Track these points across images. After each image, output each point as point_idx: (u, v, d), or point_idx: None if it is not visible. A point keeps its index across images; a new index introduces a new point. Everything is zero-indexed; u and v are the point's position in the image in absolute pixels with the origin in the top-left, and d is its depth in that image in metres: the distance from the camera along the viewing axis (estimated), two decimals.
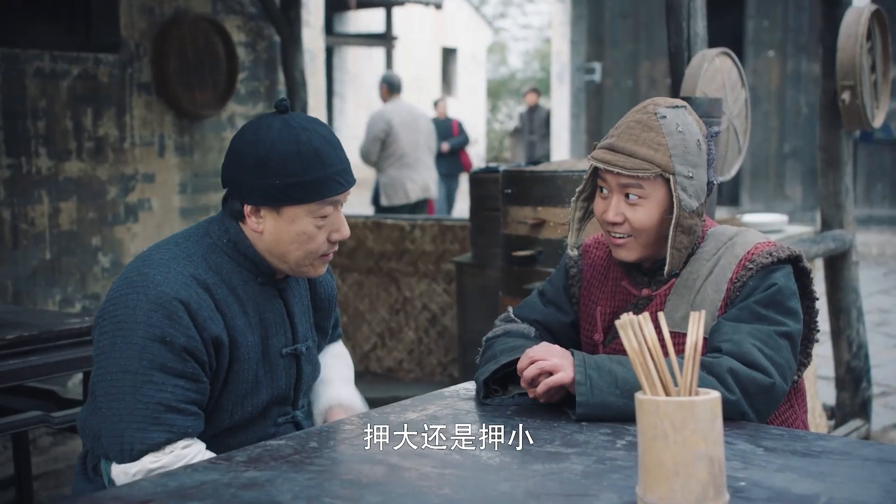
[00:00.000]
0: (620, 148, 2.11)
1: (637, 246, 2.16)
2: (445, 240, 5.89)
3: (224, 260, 2.04)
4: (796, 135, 13.44)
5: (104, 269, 5.48)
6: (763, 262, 2.11)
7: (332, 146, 2.03)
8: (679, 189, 2.08)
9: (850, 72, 4.58)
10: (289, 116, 2.03)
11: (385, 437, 1.86)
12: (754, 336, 2.06)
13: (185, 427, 1.91)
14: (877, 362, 6.46)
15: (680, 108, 2.15)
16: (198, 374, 1.93)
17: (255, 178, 1.98)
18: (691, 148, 2.11)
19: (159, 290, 1.92)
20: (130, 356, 1.89)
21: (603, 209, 2.18)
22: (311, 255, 2.05)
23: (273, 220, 2.01)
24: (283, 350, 2.11)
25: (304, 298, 2.21)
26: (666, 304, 2.19)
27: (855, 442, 1.87)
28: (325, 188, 1.99)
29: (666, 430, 1.47)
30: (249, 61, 6.29)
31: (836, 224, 5.05)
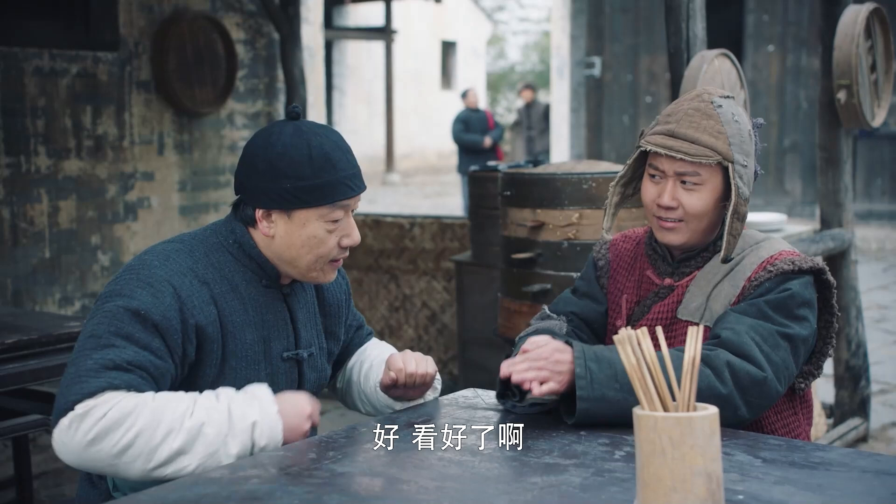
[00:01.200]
0: (682, 134, 2.13)
1: (687, 231, 2.20)
2: (445, 237, 5.90)
3: (228, 259, 2.06)
4: (796, 129, 13.43)
5: (104, 268, 5.48)
6: (784, 267, 2.14)
7: (343, 151, 2.06)
8: (737, 177, 2.12)
9: (846, 71, 4.58)
10: (300, 122, 2.06)
11: (383, 448, 1.86)
12: (755, 330, 2.08)
13: (127, 382, 1.83)
14: (875, 359, 6.46)
15: (730, 98, 2.20)
16: (161, 351, 1.90)
17: (267, 182, 2.00)
18: (745, 137, 2.16)
19: (152, 272, 1.96)
20: (100, 322, 1.90)
21: (656, 194, 2.20)
22: (322, 259, 2.06)
23: (284, 224, 2.03)
24: (284, 354, 2.12)
25: (311, 305, 2.21)
26: (685, 295, 2.23)
27: (853, 453, 1.88)
28: (336, 192, 2.01)
29: (664, 445, 1.48)
30: (249, 59, 6.29)
31: (836, 223, 5.05)
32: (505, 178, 3.81)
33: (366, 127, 21.52)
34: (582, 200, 3.55)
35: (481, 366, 5.12)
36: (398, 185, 19.77)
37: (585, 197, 3.55)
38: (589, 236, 3.55)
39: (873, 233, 12.27)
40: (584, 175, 3.56)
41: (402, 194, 18.27)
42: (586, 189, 3.55)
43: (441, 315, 5.96)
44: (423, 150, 23.55)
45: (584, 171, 3.59)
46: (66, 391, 1.84)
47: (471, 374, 5.21)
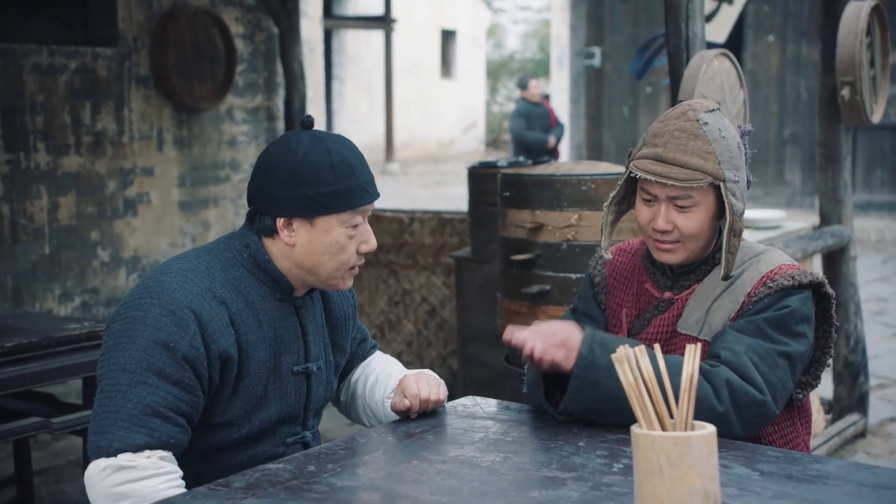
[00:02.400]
0: (670, 159, 2.11)
1: (684, 250, 2.19)
2: (444, 233, 5.90)
3: (243, 274, 2.07)
4: (796, 120, 13.42)
5: (103, 264, 5.48)
6: (784, 283, 2.14)
7: (359, 158, 2.09)
8: (729, 194, 2.11)
9: (849, 68, 4.57)
10: (315, 131, 2.08)
11: (383, 460, 1.86)
12: (754, 350, 2.08)
13: (167, 435, 1.90)
14: (874, 353, 6.46)
15: (716, 111, 2.17)
16: (193, 385, 1.94)
17: (288, 190, 2.01)
18: (734, 152, 2.14)
19: (173, 297, 1.95)
20: (131, 356, 1.91)
21: (650, 217, 2.18)
22: (343, 266, 2.07)
23: (306, 231, 2.04)
24: (294, 368, 2.12)
25: (319, 318, 2.22)
26: (685, 308, 2.23)
27: (851, 465, 1.88)
28: (357, 197, 2.04)
29: (662, 464, 1.48)
30: (248, 53, 6.28)
31: (835, 219, 5.05)
32: (504, 179, 3.81)
33: (365, 116, 21.49)
34: (581, 202, 3.55)
35: (481, 362, 5.13)
36: (398, 175, 19.74)
37: (585, 198, 3.55)
38: (588, 238, 3.55)
39: (873, 224, 12.27)
40: (583, 176, 3.56)
41: (402, 184, 18.25)
42: (585, 190, 3.55)
43: (440, 310, 5.97)
44: (422, 139, 23.52)
45: (584, 173, 3.59)
46: (108, 429, 1.88)
47: (470, 371, 5.22)
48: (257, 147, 6.38)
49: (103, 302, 5.49)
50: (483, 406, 2.27)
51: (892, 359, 6.61)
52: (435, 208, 13.69)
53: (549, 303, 3.64)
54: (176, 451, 1.93)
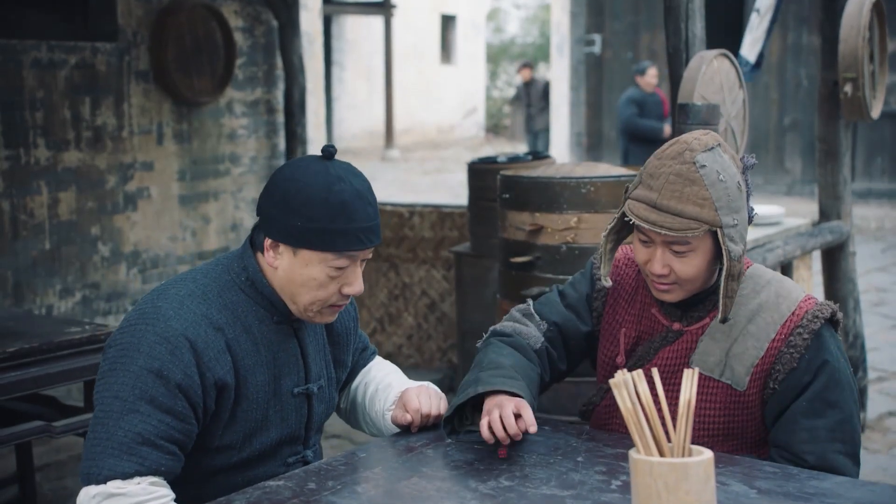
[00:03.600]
0: (665, 207, 2.05)
1: (682, 291, 2.15)
2: (444, 226, 5.91)
3: (241, 298, 2.04)
4: (796, 108, 13.41)
5: (104, 259, 5.49)
6: (814, 328, 2.12)
7: (364, 202, 1.99)
8: (727, 240, 2.05)
9: (851, 64, 4.56)
10: (331, 163, 2.01)
11: (382, 478, 1.88)
12: (833, 438, 2.09)
13: (157, 463, 1.89)
14: (873, 345, 6.45)
15: (714, 149, 2.09)
16: (186, 414, 1.93)
17: (279, 213, 1.98)
18: (733, 194, 2.07)
19: (167, 325, 1.94)
20: (124, 383, 1.91)
21: (646, 258, 2.14)
22: (320, 302, 2.03)
23: (289, 258, 2.01)
24: (294, 390, 2.11)
25: (320, 336, 2.20)
26: (699, 345, 2.18)
27: (847, 483, 1.90)
28: (344, 241, 1.97)
29: (659, 490, 1.50)
30: (247, 46, 6.27)
31: (834, 215, 5.06)
32: (503, 181, 3.82)
33: (365, 102, 21.46)
34: (581, 204, 3.55)
35: None
36: (398, 161, 19.72)
37: (584, 201, 3.55)
38: (587, 240, 3.56)
39: (873, 212, 12.28)
40: (582, 179, 3.56)
41: (402, 170, 18.23)
42: (585, 193, 3.55)
43: (440, 303, 5.99)
44: (422, 125, 23.49)
45: (583, 175, 3.59)
46: (99, 457, 1.88)
47: (470, 366, 5.23)
48: (257, 140, 6.38)
49: (104, 297, 5.50)
50: None
51: (891, 351, 6.61)
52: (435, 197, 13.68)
53: None
54: (167, 477, 1.92)
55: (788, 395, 2.12)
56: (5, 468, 4.24)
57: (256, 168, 6.39)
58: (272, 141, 6.50)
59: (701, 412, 2.16)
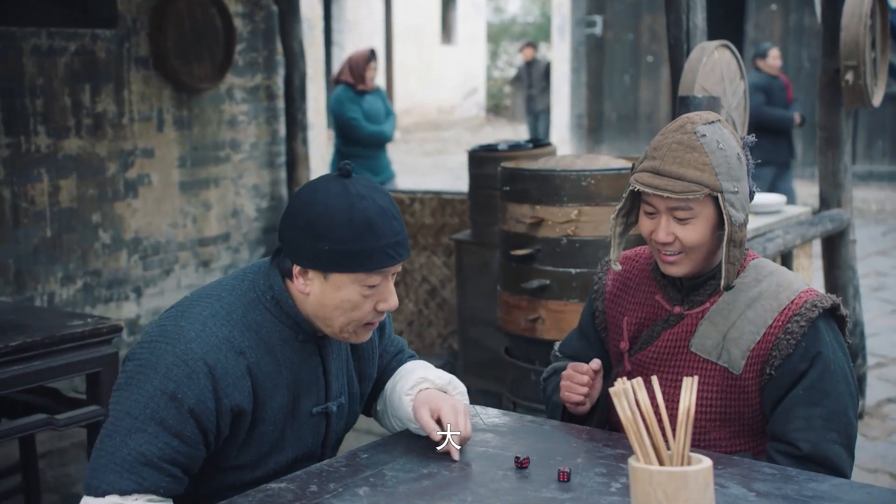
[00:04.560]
0: (666, 172, 2.14)
1: (689, 262, 2.21)
2: (445, 213, 5.92)
3: (266, 317, 2.02)
4: (798, 89, 13.34)
5: (105, 246, 5.50)
6: (811, 316, 2.16)
7: (388, 217, 1.98)
8: (728, 205, 2.13)
9: (853, 52, 4.56)
10: (350, 182, 1.99)
11: (382, 481, 1.89)
12: (828, 427, 2.13)
13: (156, 485, 1.89)
14: (872, 331, 6.46)
15: (715, 123, 2.19)
16: (195, 439, 1.92)
17: (305, 240, 1.96)
18: (733, 163, 2.16)
19: (188, 347, 1.92)
20: (137, 401, 1.90)
21: (651, 229, 2.21)
22: (356, 322, 2.02)
23: (320, 283, 1.99)
24: (313, 410, 2.09)
25: (344, 351, 2.19)
26: (698, 328, 2.24)
27: (846, 485, 1.91)
28: (374, 260, 1.95)
29: (659, 498, 1.51)
30: (247, 32, 6.25)
31: (835, 203, 5.06)
32: (504, 173, 3.82)
33: None
34: (581, 197, 3.56)
35: (481, 345, 5.16)
36: (398, 142, 19.67)
37: (584, 194, 3.56)
38: (588, 233, 3.56)
39: (873, 194, 12.27)
40: (583, 172, 3.56)
41: (402, 152, 18.19)
42: (585, 186, 3.56)
43: (441, 290, 6.00)
44: (423, 105, 23.44)
45: (583, 168, 3.60)
46: (101, 470, 1.88)
47: (471, 353, 5.25)
48: (257, 127, 6.37)
49: (105, 284, 5.51)
50: (483, 416, 2.29)
51: (891, 336, 6.62)
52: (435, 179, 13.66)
53: (549, 297, 3.66)
54: (168, 495, 1.92)
55: (784, 382, 2.16)
56: (9, 457, 4.26)
57: (257, 154, 6.39)
58: (272, 127, 6.49)
59: (699, 395, 2.21)
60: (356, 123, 6.91)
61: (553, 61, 15.18)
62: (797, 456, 2.11)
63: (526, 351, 3.88)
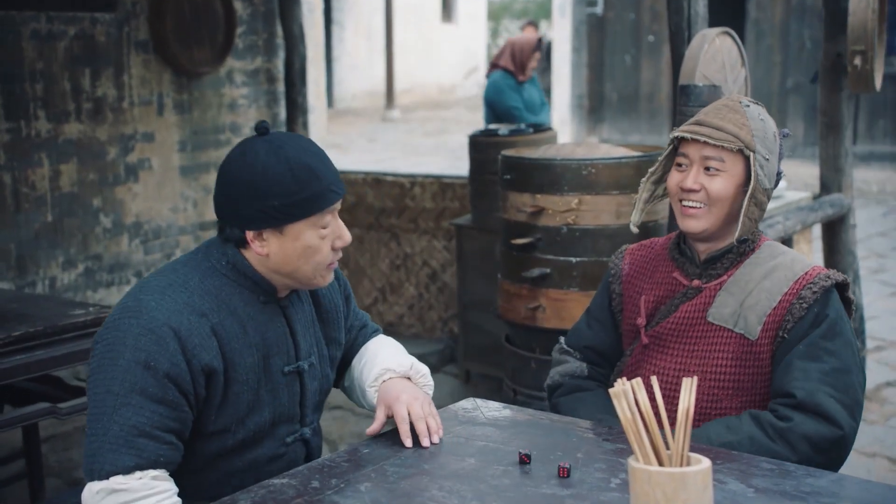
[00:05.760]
0: (708, 122, 2.28)
1: (708, 216, 2.29)
2: (445, 197, 5.92)
3: (223, 282, 2.07)
4: (799, 70, 13.33)
5: (106, 230, 5.50)
6: (824, 284, 2.24)
7: (320, 158, 2.07)
8: (757, 165, 2.25)
9: (861, 36, 4.54)
10: (271, 137, 2.06)
11: (383, 476, 1.90)
12: (826, 382, 2.18)
13: (156, 455, 1.92)
14: (872, 313, 6.47)
15: (760, 105, 2.35)
16: (178, 402, 1.96)
17: (252, 204, 2.01)
18: (769, 136, 2.31)
19: (151, 316, 1.96)
20: (114, 378, 1.93)
21: (680, 179, 2.32)
22: (319, 266, 2.08)
23: (277, 240, 2.04)
24: (284, 368, 2.13)
25: (309, 314, 2.23)
26: (715, 299, 2.31)
27: (844, 480, 1.92)
28: (323, 200, 2.03)
29: (658, 498, 1.52)
30: (247, 15, 6.24)
31: (835, 187, 5.06)
32: (505, 162, 3.82)
33: (366, 62, 21.35)
34: (581, 186, 3.56)
35: (481, 329, 5.18)
36: (398, 122, 19.65)
37: (585, 182, 3.56)
38: (588, 222, 3.57)
39: (874, 174, 12.26)
40: (583, 161, 3.56)
41: (403, 132, 18.17)
42: (586, 175, 3.56)
43: (441, 274, 6.01)
44: (423, 84, 23.38)
45: (584, 157, 3.59)
46: (98, 452, 1.90)
47: (471, 338, 5.27)
48: (257, 110, 6.37)
49: (106, 268, 5.52)
50: (483, 410, 2.31)
51: (890, 319, 6.61)
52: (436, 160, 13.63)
53: (550, 286, 3.67)
54: (168, 468, 1.95)
55: (793, 343, 2.23)
56: (12, 442, 4.28)
57: None
58: (273, 110, 6.48)
59: (714, 364, 2.28)
60: (518, 113, 6.75)
61: (554, 41, 15.12)
62: (792, 404, 2.17)
63: (526, 339, 3.90)
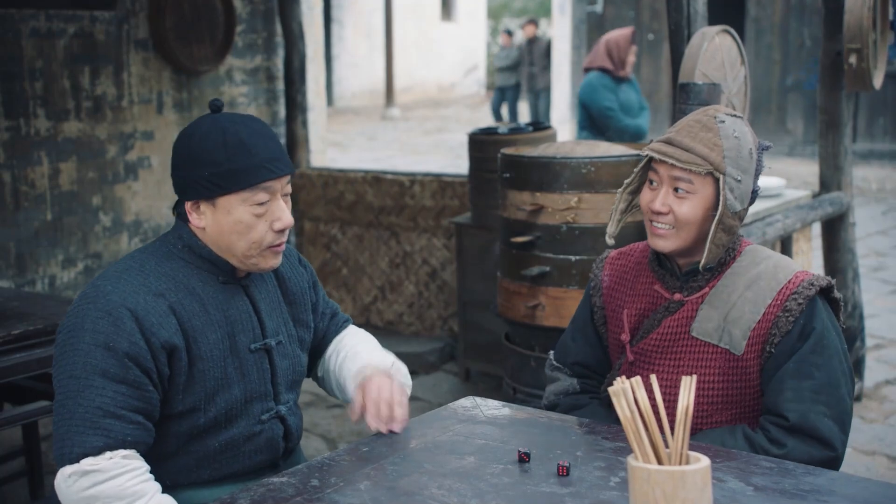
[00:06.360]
0: (678, 142, 2.21)
1: (677, 238, 2.25)
2: (445, 195, 5.91)
3: (180, 265, 2.10)
4: (799, 67, 13.33)
5: (105, 229, 5.50)
6: (808, 293, 2.19)
7: (262, 136, 2.08)
8: (727, 189, 2.18)
9: (857, 34, 4.54)
10: (221, 115, 2.11)
11: (383, 474, 1.90)
12: (817, 400, 2.16)
13: (123, 434, 1.94)
14: (871, 312, 6.46)
15: (738, 117, 2.26)
16: (141, 381, 1.98)
17: (187, 173, 2.06)
18: (744, 154, 2.21)
19: (107, 299, 1.99)
20: (75, 362, 1.96)
21: (650, 199, 2.27)
22: (256, 245, 2.09)
23: (211, 213, 2.07)
24: (251, 346, 2.15)
25: (274, 294, 2.25)
26: (698, 312, 2.27)
27: (843, 478, 1.92)
28: (252, 175, 2.04)
29: (657, 497, 1.52)
30: (247, 13, 6.23)
31: (835, 185, 5.06)
32: (504, 160, 3.81)
33: (366, 60, 21.34)
34: (581, 184, 3.56)
35: (481, 327, 5.18)
36: (398, 121, 19.65)
37: (584, 181, 3.56)
38: (587, 220, 3.57)
39: (874, 172, 12.25)
40: (583, 159, 3.56)
41: (402, 130, 18.17)
42: (585, 173, 3.56)
43: (441, 272, 6.01)
44: (423, 83, 23.37)
45: (583, 156, 3.59)
46: (66, 436, 1.93)
47: (471, 336, 5.27)
48: (257, 108, 6.36)
49: (106, 266, 5.52)
50: (483, 408, 2.31)
51: (890, 318, 6.61)
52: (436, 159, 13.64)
53: (549, 284, 3.67)
54: (138, 448, 1.97)
55: (781, 359, 2.19)
56: (12, 440, 4.28)
57: None
58: (272, 109, 6.48)
59: (701, 379, 2.24)
60: (613, 115, 6.47)
61: (554, 39, 15.11)
62: (785, 426, 2.15)
63: (526, 337, 3.90)
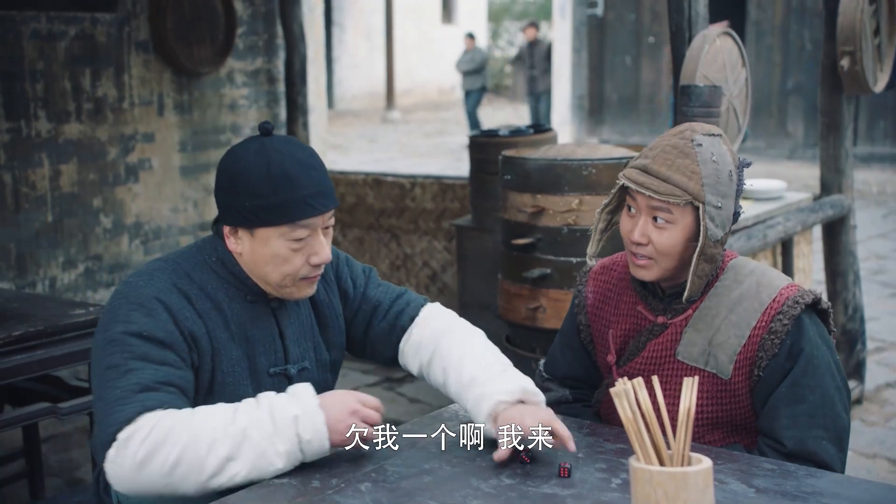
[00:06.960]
0: (654, 171, 2.13)
1: (657, 268, 2.19)
2: (445, 198, 5.92)
3: (211, 277, 2.08)
4: (800, 70, 13.33)
5: (106, 230, 5.50)
6: (793, 313, 2.14)
7: (307, 168, 2.02)
8: (707, 218, 2.11)
9: (849, 37, 4.55)
10: (268, 139, 2.05)
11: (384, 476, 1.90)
12: (812, 424, 2.12)
13: (160, 402, 1.86)
14: (872, 315, 6.46)
15: (716, 136, 2.17)
16: (178, 362, 1.95)
17: (230, 199, 2.03)
18: (723, 178, 2.14)
19: (140, 293, 1.99)
20: (113, 352, 1.93)
21: (629, 228, 2.20)
22: (290, 277, 2.06)
23: (249, 241, 2.05)
24: (270, 370, 2.12)
25: (307, 318, 2.21)
26: (682, 336, 2.22)
27: (845, 480, 1.92)
28: (294, 211, 2.00)
29: (659, 498, 1.52)
30: (247, 15, 6.24)
31: (836, 188, 5.06)
32: (505, 162, 3.81)
33: (366, 62, 21.35)
34: (582, 186, 3.56)
35: (482, 329, 5.16)
36: (398, 123, 19.65)
37: (585, 183, 3.56)
38: (588, 222, 3.56)
39: (874, 176, 12.25)
40: (584, 161, 3.56)
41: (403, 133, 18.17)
42: (586, 175, 3.56)
43: (442, 274, 6.01)
44: (423, 85, 23.39)
45: (585, 157, 3.59)
46: (103, 424, 1.87)
47: None
48: (258, 110, 6.37)
49: (106, 268, 5.52)
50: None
51: (890, 321, 6.61)
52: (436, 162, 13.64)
53: (550, 286, 3.67)
54: None
55: (772, 382, 2.16)
56: (12, 442, 4.28)
57: None
58: (273, 111, 6.48)
59: None
60: None
61: (554, 41, 15.13)
62: (784, 452, 2.13)
63: (527, 339, 3.89)
